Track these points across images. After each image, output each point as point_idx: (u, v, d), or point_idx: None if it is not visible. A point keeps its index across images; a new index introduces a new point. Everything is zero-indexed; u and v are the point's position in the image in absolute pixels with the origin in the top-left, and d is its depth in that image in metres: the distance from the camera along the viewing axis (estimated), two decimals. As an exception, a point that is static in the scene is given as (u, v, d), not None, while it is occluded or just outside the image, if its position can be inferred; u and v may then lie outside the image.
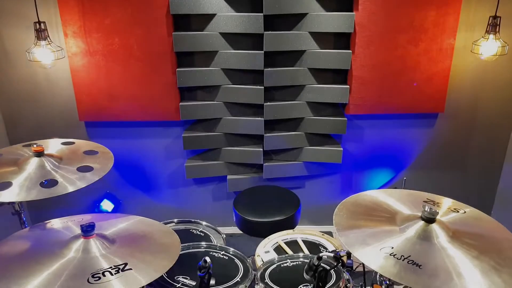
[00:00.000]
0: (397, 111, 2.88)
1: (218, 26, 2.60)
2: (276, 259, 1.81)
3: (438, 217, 1.51)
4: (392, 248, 1.40)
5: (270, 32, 2.58)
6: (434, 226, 1.48)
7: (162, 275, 1.52)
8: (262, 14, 2.52)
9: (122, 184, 3.09)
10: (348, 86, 2.76)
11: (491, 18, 2.53)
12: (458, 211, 1.64)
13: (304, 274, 1.65)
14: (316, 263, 1.58)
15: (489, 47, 2.55)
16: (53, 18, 2.61)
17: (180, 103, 2.76)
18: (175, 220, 2.11)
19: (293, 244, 2.01)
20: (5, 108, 2.84)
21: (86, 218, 1.66)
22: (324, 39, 2.68)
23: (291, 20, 2.63)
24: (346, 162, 3.05)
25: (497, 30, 2.53)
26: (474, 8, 2.67)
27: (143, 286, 1.33)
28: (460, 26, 2.66)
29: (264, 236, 2.07)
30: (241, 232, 2.40)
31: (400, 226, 1.52)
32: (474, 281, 1.29)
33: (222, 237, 2.01)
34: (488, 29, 2.55)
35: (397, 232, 1.49)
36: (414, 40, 2.66)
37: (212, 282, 1.46)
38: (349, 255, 1.55)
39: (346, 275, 1.69)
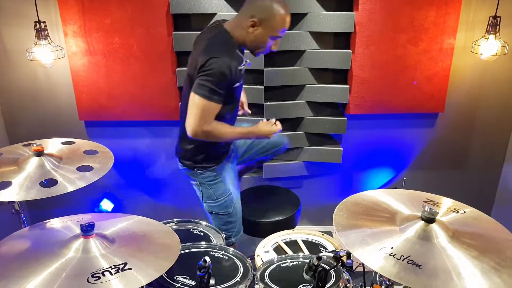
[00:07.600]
0: (397, 111, 2.88)
1: (218, 25, 2.59)
2: (276, 259, 1.80)
3: (438, 217, 1.51)
4: (392, 248, 1.40)
5: (270, 31, 2.58)
6: (434, 226, 1.48)
7: (162, 275, 1.52)
8: (262, 13, 2.51)
9: (122, 183, 3.09)
10: (348, 86, 2.76)
11: (491, 18, 2.53)
12: (458, 211, 1.64)
13: (304, 274, 1.65)
14: (316, 263, 1.58)
15: (489, 47, 2.55)
16: (53, 18, 2.61)
17: (180, 103, 2.75)
18: (175, 219, 2.11)
19: (292, 244, 2.01)
20: (5, 107, 2.84)
21: (86, 217, 1.66)
22: (324, 38, 2.68)
23: (291, 20, 2.62)
24: (346, 162, 3.05)
25: (497, 30, 2.53)
26: (474, 8, 2.66)
27: (143, 286, 1.33)
28: (460, 26, 2.66)
29: (264, 236, 2.07)
30: (241, 232, 2.40)
31: (400, 226, 1.52)
32: (474, 281, 1.29)
33: (222, 237, 2.00)
34: (488, 29, 2.55)
35: (397, 232, 1.49)
36: (414, 40, 2.66)
37: (212, 282, 1.46)
38: (348, 255, 1.56)
39: (346, 275, 1.69)
